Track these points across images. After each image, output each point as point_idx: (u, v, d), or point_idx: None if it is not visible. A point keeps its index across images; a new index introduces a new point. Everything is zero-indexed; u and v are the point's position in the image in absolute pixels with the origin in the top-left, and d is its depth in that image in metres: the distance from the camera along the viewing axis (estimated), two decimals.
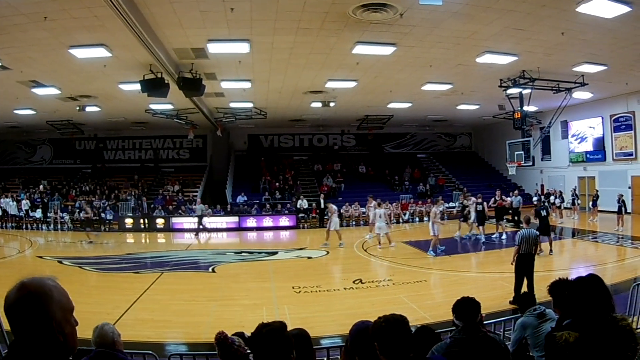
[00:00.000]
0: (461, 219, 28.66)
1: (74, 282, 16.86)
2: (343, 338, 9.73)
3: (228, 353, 5.04)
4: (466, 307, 5.17)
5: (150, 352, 8.70)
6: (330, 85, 27.65)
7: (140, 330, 11.43)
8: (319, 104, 32.57)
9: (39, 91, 27.69)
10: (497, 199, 28.14)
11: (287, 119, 41.91)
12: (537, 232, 14.12)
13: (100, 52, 20.36)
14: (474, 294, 5.44)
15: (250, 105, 34.23)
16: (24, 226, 38.80)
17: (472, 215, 27.04)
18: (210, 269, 20.94)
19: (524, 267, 13.39)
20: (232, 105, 34.06)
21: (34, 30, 17.52)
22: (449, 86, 28.68)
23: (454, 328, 5.64)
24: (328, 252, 23.52)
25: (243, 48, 20.40)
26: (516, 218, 29.04)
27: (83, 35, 18.27)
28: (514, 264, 13.69)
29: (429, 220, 23.64)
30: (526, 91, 27.09)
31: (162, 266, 21.45)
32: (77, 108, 32.68)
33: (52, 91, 27.90)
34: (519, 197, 30.60)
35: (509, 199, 29.71)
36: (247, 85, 27.41)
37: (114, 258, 24.39)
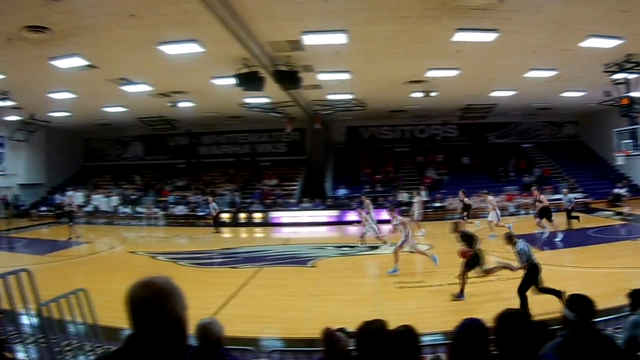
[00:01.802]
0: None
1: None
2: (445, 335, 10.12)
3: (333, 349, 5.46)
4: (580, 304, 5.11)
5: (248, 347, 9.27)
6: (431, 74, 27.39)
7: (237, 325, 11.69)
8: (420, 94, 32.28)
9: (129, 88, 28.82)
10: (535, 199, 27.05)
11: (387, 110, 41.58)
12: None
13: (192, 48, 21.04)
14: (583, 290, 5.39)
15: (348, 96, 34.29)
16: (116, 222, 40.70)
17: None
18: (309, 264, 21.43)
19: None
20: (330, 97, 34.18)
21: (120, 28, 18.42)
22: (553, 72, 27.89)
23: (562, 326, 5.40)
24: (431, 246, 23.54)
25: (340, 39, 20.43)
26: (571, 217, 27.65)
27: (172, 31, 19.01)
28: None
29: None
30: (632, 76, 26.12)
31: (260, 261, 22.07)
32: (169, 104, 33.89)
33: (143, 88, 29.02)
34: (570, 195, 28.93)
35: (543, 196, 28.42)
36: (345, 76, 27.48)
37: (210, 253, 25.33)
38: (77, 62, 22.51)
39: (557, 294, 12.04)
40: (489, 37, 20.55)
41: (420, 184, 40.22)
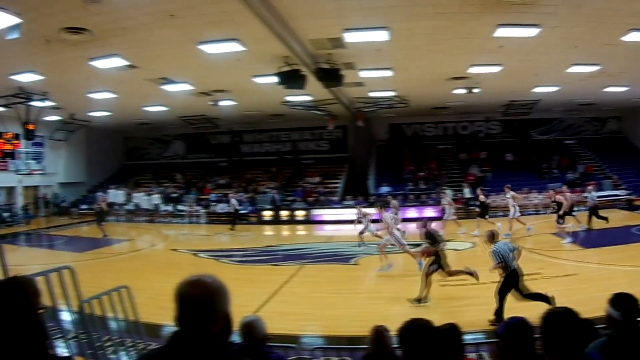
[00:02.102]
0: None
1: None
2: (487, 334, 10.15)
3: (381, 347, 5.50)
4: (625, 303, 5.05)
5: (291, 345, 9.38)
6: (473, 70, 27.14)
7: (278, 322, 11.58)
8: (463, 91, 32.12)
9: (170, 87, 29.17)
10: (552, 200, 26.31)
11: (429, 106, 41.44)
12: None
13: (232, 47, 21.15)
14: (627, 289, 5.32)
15: (391, 93, 34.15)
16: (157, 220, 41.39)
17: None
18: (352, 261, 21.52)
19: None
20: (372, 94, 34.08)
21: (160, 28, 18.63)
22: (595, 67, 27.31)
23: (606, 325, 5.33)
24: (474, 244, 23.50)
25: (381, 36, 20.29)
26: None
27: (212, 30, 19.18)
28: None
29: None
30: None
31: (302, 258, 22.21)
32: (211, 103, 34.22)
33: (184, 87, 29.33)
34: (593, 193, 27.85)
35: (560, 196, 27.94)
36: (387, 73, 27.35)
37: (252, 251, 25.57)
38: (117, 62, 22.81)
39: (545, 299, 11.79)
40: (531, 32, 20.24)
41: (463, 180, 40.32)
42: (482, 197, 28.69)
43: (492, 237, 12.96)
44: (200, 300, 2.80)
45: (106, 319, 7.37)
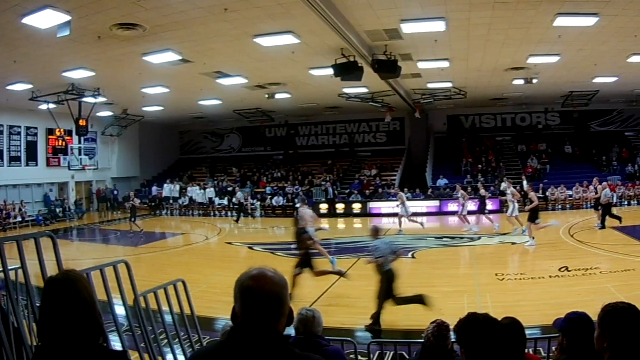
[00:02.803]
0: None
1: None
2: (543, 329, 10.15)
3: (442, 341, 5.50)
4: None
5: (348, 338, 9.47)
6: (532, 60, 26.76)
7: (333, 315, 12.02)
8: (521, 81, 31.75)
9: (224, 81, 29.51)
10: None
11: (487, 97, 40.97)
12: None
13: (288, 39, 21.30)
14: None
15: (448, 85, 33.96)
16: (211, 213, 42.17)
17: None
18: (409, 255, 21.51)
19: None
20: (430, 85, 33.96)
21: (214, 22, 18.86)
22: None
23: None
24: (533, 238, 23.23)
25: (438, 26, 20.25)
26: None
27: (268, 23, 19.31)
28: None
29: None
30: None
31: (358, 251, 22.09)
32: (266, 96, 34.44)
33: (238, 80, 29.66)
34: (607, 190, 26.71)
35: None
36: (445, 64, 27.26)
37: None
38: (171, 57, 23.17)
39: (419, 300, 11.99)
40: (590, 21, 19.89)
41: (521, 173, 39.79)
42: (482, 191, 28.69)
43: (376, 232, 13.14)
44: (268, 296, 2.76)
45: (161, 313, 7.53)
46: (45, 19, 16.79)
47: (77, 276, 3.13)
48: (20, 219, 36.54)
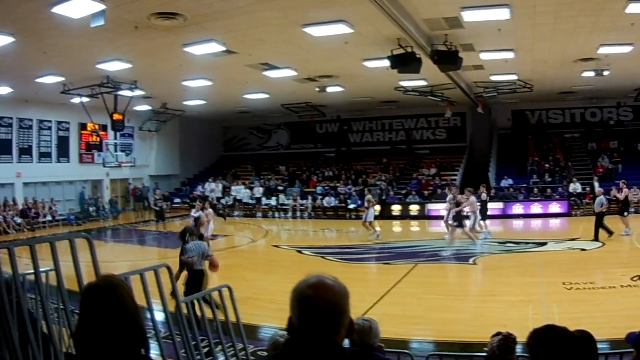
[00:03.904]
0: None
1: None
2: (614, 343, 10.06)
3: (508, 354, 5.52)
4: None
5: (405, 351, 9.49)
6: (603, 50, 26.10)
7: (388, 325, 11.47)
8: (591, 73, 30.80)
9: (272, 74, 29.58)
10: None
11: (555, 91, 40.44)
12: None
13: (340, 29, 21.16)
14: None
15: (513, 77, 33.46)
16: (257, 214, 42.36)
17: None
18: (470, 261, 21.38)
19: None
20: (493, 78, 33.50)
21: (261, 11, 18.80)
22: None
23: None
24: (604, 243, 22.92)
25: (502, 14, 19.84)
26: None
27: (318, 12, 19.24)
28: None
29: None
30: None
31: (415, 257, 22.18)
32: (317, 89, 34.49)
33: (287, 73, 29.68)
34: (602, 197, 25.55)
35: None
36: (509, 55, 26.85)
37: (361, 248, 25.64)
38: (214, 48, 23.27)
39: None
40: None
41: (592, 173, 39.17)
42: (484, 195, 28.68)
43: (183, 235, 14.40)
44: (328, 307, 2.73)
45: (204, 319, 7.64)
46: (77, 8, 16.92)
47: (119, 282, 3.10)
48: (50, 218, 37.17)
